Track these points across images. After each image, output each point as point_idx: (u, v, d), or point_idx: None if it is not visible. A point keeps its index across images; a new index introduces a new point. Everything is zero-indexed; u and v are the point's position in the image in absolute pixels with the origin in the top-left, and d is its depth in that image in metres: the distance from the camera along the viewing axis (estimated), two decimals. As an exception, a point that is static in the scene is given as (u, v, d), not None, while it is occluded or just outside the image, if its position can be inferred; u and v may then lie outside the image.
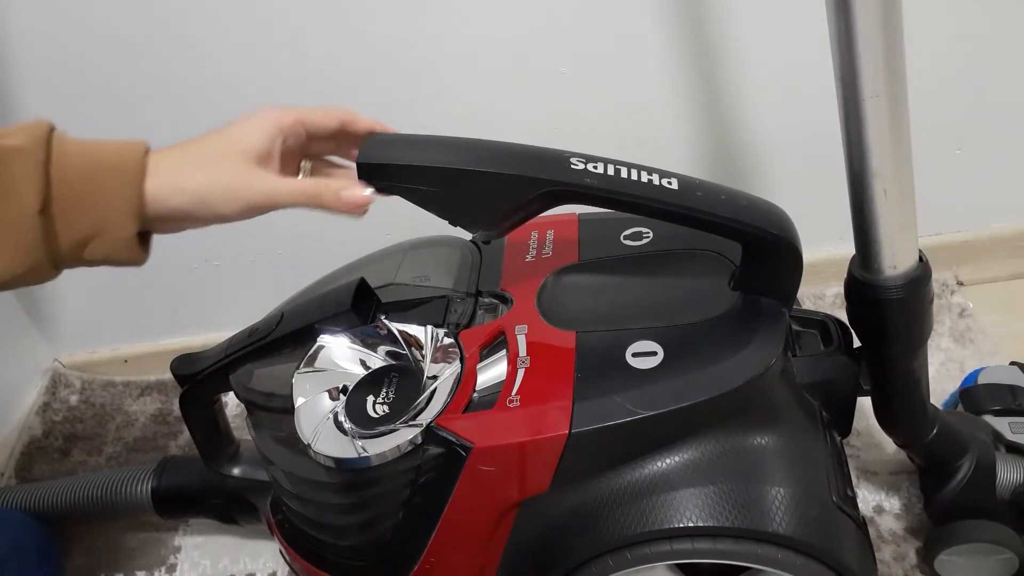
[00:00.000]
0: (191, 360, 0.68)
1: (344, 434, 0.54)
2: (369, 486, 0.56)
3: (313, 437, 0.54)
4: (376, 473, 0.54)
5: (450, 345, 0.59)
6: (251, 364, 0.64)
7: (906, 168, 0.54)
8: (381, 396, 0.56)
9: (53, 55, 0.81)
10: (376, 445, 0.53)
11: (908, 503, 0.78)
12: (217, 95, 0.84)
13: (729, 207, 0.56)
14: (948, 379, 0.88)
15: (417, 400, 0.55)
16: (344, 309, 0.61)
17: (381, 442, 0.53)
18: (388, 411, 0.55)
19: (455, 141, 0.56)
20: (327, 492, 0.58)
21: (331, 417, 0.55)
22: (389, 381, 0.57)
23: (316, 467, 0.55)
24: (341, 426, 0.54)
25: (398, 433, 0.53)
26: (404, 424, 0.54)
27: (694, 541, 0.53)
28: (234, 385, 0.64)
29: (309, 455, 0.54)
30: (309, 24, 0.81)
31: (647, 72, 0.86)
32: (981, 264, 1.02)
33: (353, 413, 0.55)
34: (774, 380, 0.56)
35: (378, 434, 0.53)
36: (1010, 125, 0.93)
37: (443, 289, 0.66)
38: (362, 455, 0.53)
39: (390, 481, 0.56)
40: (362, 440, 0.53)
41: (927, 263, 0.58)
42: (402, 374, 0.57)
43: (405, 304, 0.65)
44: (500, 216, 0.57)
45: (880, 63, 0.50)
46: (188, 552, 0.83)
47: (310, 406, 0.56)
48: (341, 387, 0.57)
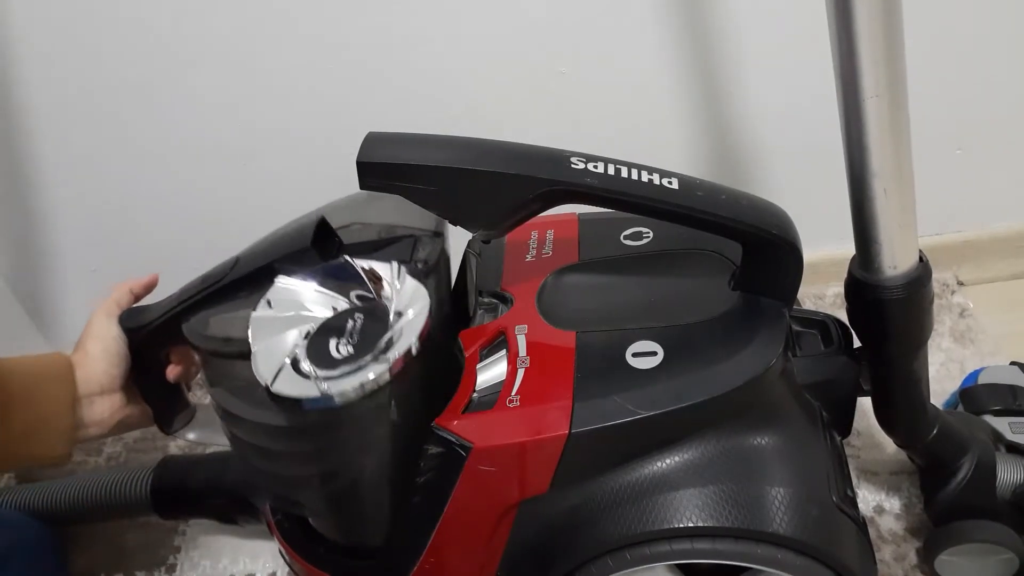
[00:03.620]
0: (141, 312, 0.66)
1: (305, 376, 0.50)
2: (334, 429, 0.53)
3: (272, 378, 0.51)
4: (341, 414, 0.51)
5: (418, 281, 0.56)
6: (206, 311, 0.60)
7: (906, 168, 0.54)
8: (345, 336, 0.52)
9: (54, 54, 0.82)
10: (339, 384, 0.50)
11: (908, 503, 0.78)
12: (217, 95, 0.84)
13: (729, 207, 0.56)
14: (948, 379, 0.88)
15: (383, 337, 0.52)
16: (304, 246, 0.57)
17: (345, 381, 0.50)
18: (353, 351, 0.51)
19: (455, 140, 0.56)
20: (290, 440, 0.55)
21: (291, 359, 0.51)
22: (354, 321, 0.53)
23: (277, 413, 0.52)
24: (301, 368, 0.51)
25: (363, 371, 0.50)
26: (370, 361, 0.51)
27: (694, 541, 0.53)
28: (187, 334, 0.60)
29: (268, 400, 0.51)
30: (309, 24, 0.81)
31: (647, 72, 0.86)
32: (981, 264, 1.02)
33: (315, 355, 0.51)
34: (774, 380, 0.56)
35: (342, 374, 0.50)
36: (1010, 125, 0.93)
37: (409, 228, 0.62)
38: (325, 394, 0.50)
39: (356, 424, 0.53)
40: (325, 381, 0.50)
41: (927, 263, 0.58)
42: (367, 313, 0.54)
43: (369, 244, 0.61)
44: (500, 215, 0.57)
45: (880, 63, 0.50)
46: (188, 552, 0.83)
47: (269, 348, 0.52)
48: (302, 329, 0.53)
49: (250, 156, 0.89)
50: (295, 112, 0.86)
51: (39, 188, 0.91)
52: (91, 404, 0.65)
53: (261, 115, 0.86)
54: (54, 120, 0.86)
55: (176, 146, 0.88)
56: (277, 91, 0.85)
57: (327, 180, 0.88)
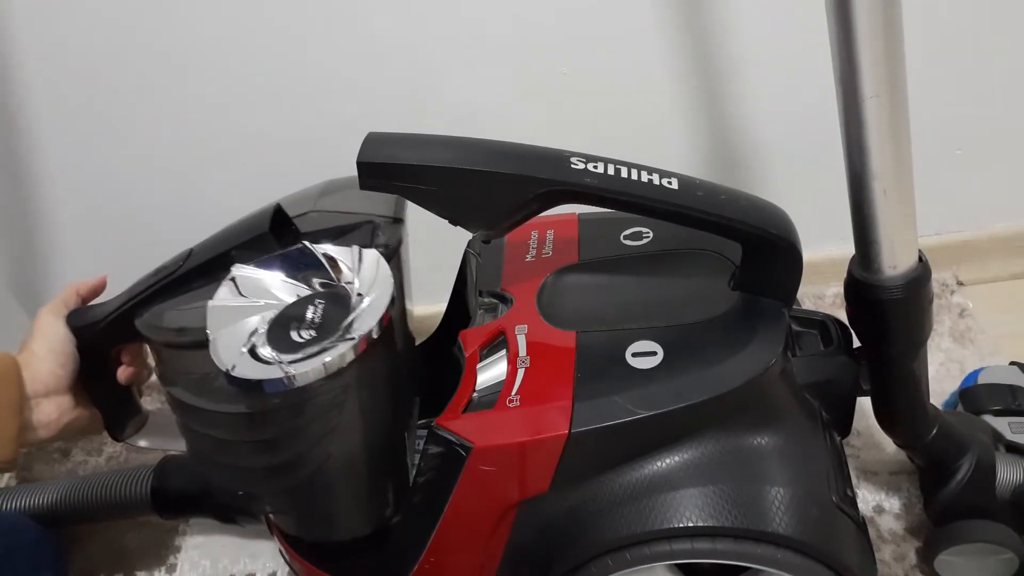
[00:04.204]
0: (89, 311, 0.64)
1: (265, 362, 0.49)
2: (297, 414, 0.52)
3: (232, 364, 0.49)
4: (303, 396, 0.50)
5: (379, 264, 0.55)
6: (160, 304, 0.58)
7: (906, 168, 0.54)
8: (306, 322, 0.51)
9: (54, 56, 0.82)
10: (301, 366, 0.49)
11: (908, 503, 0.78)
12: (217, 96, 0.84)
13: (729, 207, 0.56)
14: (948, 379, 0.88)
15: (345, 320, 0.51)
16: (261, 232, 0.56)
17: (306, 363, 0.49)
18: (315, 335, 0.50)
19: (455, 140, 0.56)
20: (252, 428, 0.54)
21: (250, 346, 0.50)
22: (315, 306, 0.52)
23: (238, 400, 0.51)
24: (261, 354, 0.50)
25: (325, 352, 0.49)
26: (332, 343, 0.50)
27: (693, 541, 0.53)
28: (141, 328, 0.59)
29: (228, 386, 0.49)
30: (309, 25, 0.81)
31: (648, 72, 0.86)
32: (981, 264, 1.02)
33: (275, 340, 0.50)
34: (774, 380, 0.56)
35: (304, 356, 0.49)
36: (1010, 125, 0.93)
37: (368, 215, 0.61)
38: (286, 376, 0.49)
39: (319, 408, 0.52)
40: (286, 365, 0.49)
41: (927, 263, 0.58)
42: (329, 298, 0.53)
43: (328, 231, 0.60)
44: (500, 215, 0.57)
45: (880, 63, 0.50)
46: (188, 552, 0.83)
47: (228, 336, 0.51)
48: (264, 315, 0.52)
49: (250, 156, 0.89)
50: (295, 112, 0.86)
51: (39, 188, 0.91)
52: (37, 405, 0.63)
53: (261, 116, 0.86)
54: (54, 120, 0.86)
55: (177, 147, 0.88)
56: (277, 92, 0.85)
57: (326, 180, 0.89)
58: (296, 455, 0.55)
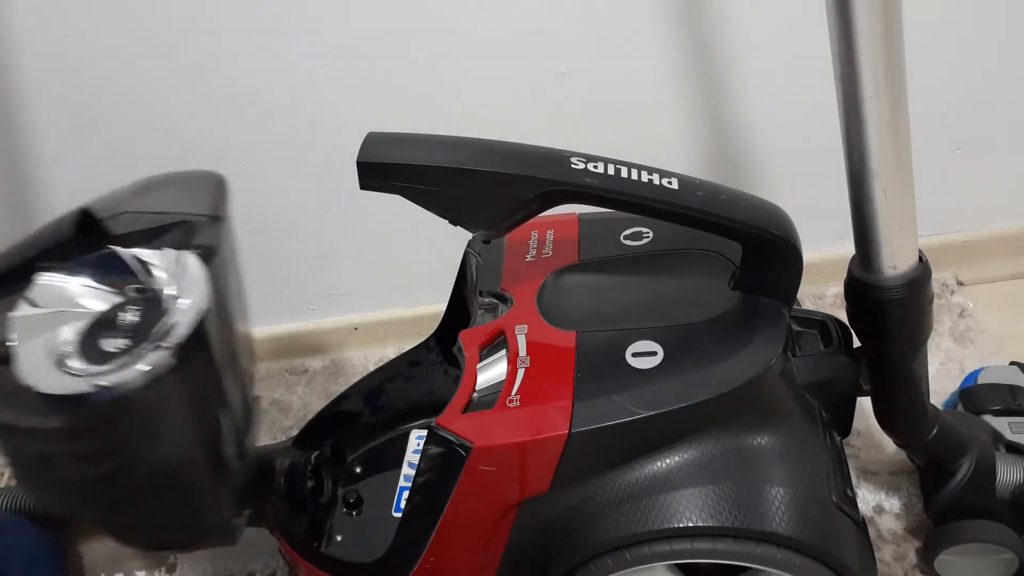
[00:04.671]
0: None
1: (75, 375, 0.48)
2: (118, 423, 0.50)
3: (39, 379, 0.47)
4: (121, 406, 0.48)
5: (195, 265, 0.53)
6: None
7: (906, 168, 0.54)
8: (119, 329, 0.50)
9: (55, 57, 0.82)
10: (113, 377, 0.47)
11: (908, 503, 0.78)
12: (218, 96, 0.84)
13: (729, 207, 0.56)
14: (948, 379, 0.88)
15: (161, 325, 0.49)
16: (65, 239, 0.54)
17: (118, 374, 0.47)
18: (129, 342, 0.49)
19: (455, 140, 0.56)
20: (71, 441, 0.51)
21: (58, 357, 0.48)
22: (128, 313, 0.51)
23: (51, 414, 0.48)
24: (69, 365, 0.48)
25: (140, 361, 0.48)
26: (148, 350, 0.48)
27: (694, 541, 0.53)
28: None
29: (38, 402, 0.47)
30: (308, 25, 0.81)
31: (647, 72, 0.86)
32: (981, 264, 1.02)
33: (87, 350, 0.49)
34: (774, 380, 0.56)
35: (117, 367, 0.48)
36: (1010, 125, 0.93)
37: (184, 214, 0.59)
38: (99, 388, 0.47)
39: (140, 416, 0.50)
40: (99, 376, 0.47)
41: (927, 263, 0.58)
42: (142, 304, 0.51)
43: (142, 233, 0.57)
44: (500, 215, 0.57)
45: (880, 63, 0.50)
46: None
47: (34, 348, 0.49)
48: (74, 325, 0.50)
49: (250, 157, 0.89)
50: (295, 112, 0.86)
51: (39, 189, 0.91)
52: None
53: (261, 116, 0.86)
54: (54, 121, 0.85)
55: (178, 147, 0.88)
56: (277, 92, 0.85)
57: (326, 180, 0.89)
58: (117, 466, 0.53)
